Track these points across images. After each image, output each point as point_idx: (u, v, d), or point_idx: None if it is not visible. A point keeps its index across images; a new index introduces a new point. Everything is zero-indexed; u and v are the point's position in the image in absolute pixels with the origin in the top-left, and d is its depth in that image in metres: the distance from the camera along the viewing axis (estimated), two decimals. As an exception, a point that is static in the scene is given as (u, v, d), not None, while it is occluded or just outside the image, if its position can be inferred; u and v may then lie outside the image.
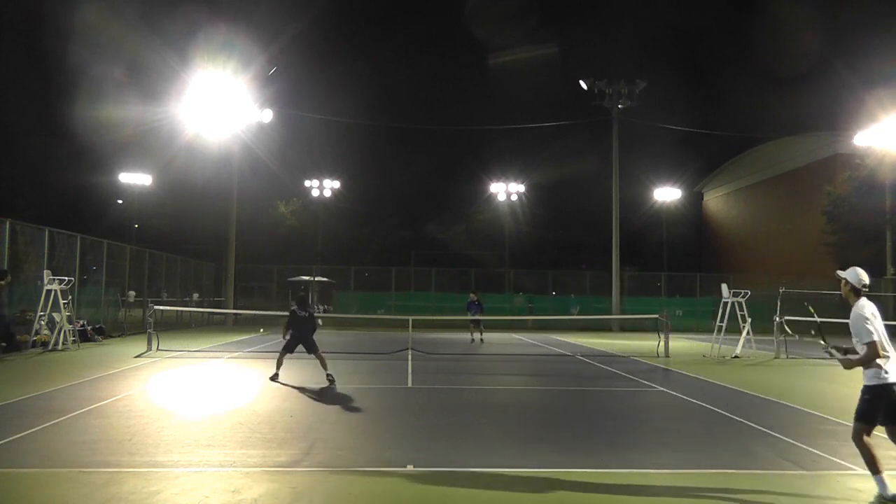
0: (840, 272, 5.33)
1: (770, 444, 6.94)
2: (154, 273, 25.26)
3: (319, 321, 15.25)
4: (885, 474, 4.86)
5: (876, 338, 4.81)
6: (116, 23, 39.59)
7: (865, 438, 4.86)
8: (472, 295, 22.17)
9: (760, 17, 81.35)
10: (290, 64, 65.91)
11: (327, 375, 10.75)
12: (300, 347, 11.03)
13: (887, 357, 4.86)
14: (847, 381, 12.43)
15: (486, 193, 46.75)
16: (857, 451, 5.61)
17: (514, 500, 5.08)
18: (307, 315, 11.21)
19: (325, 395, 9.74)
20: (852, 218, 33.53)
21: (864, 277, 5.19)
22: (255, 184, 42.43)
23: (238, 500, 4.83)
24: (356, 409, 8.71)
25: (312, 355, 11.05)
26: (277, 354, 11.12)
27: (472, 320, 21.10)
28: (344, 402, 9.20)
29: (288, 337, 11.07)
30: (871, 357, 4.79)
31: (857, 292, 5.14)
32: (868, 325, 4.84)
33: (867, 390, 4.92)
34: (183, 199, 46.64)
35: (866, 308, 4.98)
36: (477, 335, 20.84)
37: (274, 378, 10.85)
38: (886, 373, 4.84)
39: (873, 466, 4.86)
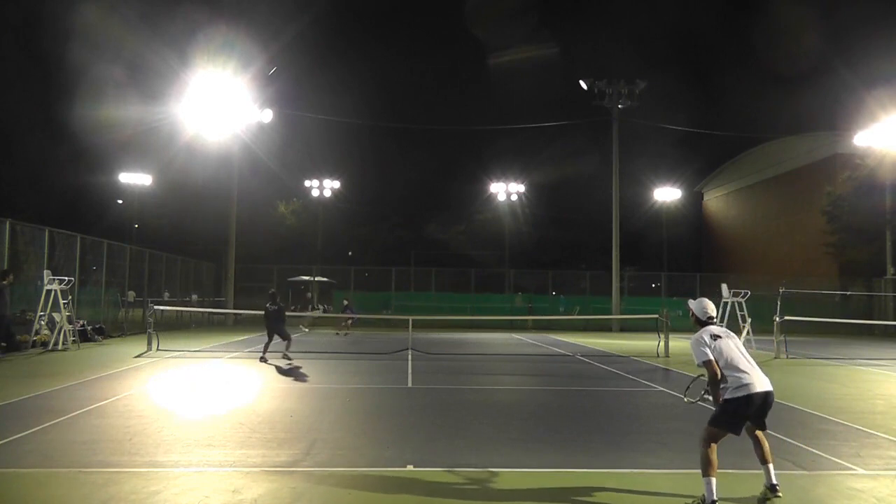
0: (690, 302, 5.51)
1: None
2: (154, 273, 25.27)
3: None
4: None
5: (711, 357, 4.95)
6: (116, 23, 39.60)
7: (712, 444, 4.94)
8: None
9: (760, 17, 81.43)
10: (290, 64, 65.98)
11: (284, 354, 13.35)
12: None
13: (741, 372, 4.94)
14: (847, 382, 12.44)
15: (486, 193, 46.77)
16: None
17: (514, 500, 5.08)
18: (276, 308, 13.88)
19: (325, 395, 9.74)
20: (852, 218, 33.53)
21: (710, 309, 5.35)
22: (255, 184, 42.48)
23: (238, 500, 4.83)
24: (356, 409, 8.71)
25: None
26: (276, 354, 11.39)
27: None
28: (344, 402, 9.20)
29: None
30: (711, 376, 4.95)
31: (700, 322, 5.31)
32: (702, 348, 5.00)
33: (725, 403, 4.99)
34: (183, 199, 46.65)
35: (703, 333, 5.13)
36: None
37: (262, 360, 13.41)
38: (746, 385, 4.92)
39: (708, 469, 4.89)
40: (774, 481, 4.98)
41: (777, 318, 16.86)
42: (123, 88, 41.47)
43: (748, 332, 16.84)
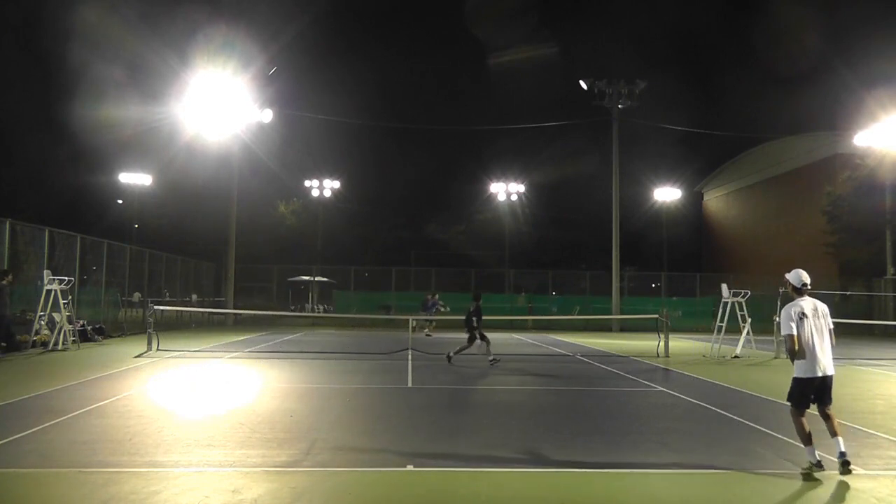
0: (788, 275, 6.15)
1: (770, 444, 6.94)
2: (154, 273, 25.27)
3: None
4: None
5: (794, 332, 5.69)
6: (116, 23, 39.53)
7: (800, 419, 5.78)
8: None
9: (760, 17, 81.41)
10: (290, 64, 65.97)
11: (493, 358, 14.08)
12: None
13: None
14: (847, 382, 12.42)
15: (486, 193, 46.76)
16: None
17: (514, 500, 5.08)
18: (474, 309, 14.26)
19: (325, 395, 9.74)
20: (852, 218, 33.53)
21: (804, 277, 5.98)
22: (255, 184, 42.43)
23: (238, 500, 4.83)
24: (356, 409, 8.71)
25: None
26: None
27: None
28: (344, 402, 9.20)
29: None
30: (790, 348, 5.75)
31: (797, 290, 6.00)
32: (790, 322, 5.75)
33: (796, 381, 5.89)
34: (183, 199, 46.62)
35: (794, 308, 5.83)
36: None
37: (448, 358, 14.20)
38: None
39: (805, 438, 5.73)
40: (843, 449, 5.57)
41: (777, 318, 16.82)
42: (123, 88, 41.40)
43: (748, 332, 16.83)
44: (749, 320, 16.98)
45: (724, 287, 17.43)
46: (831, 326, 5.91)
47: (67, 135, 42.02)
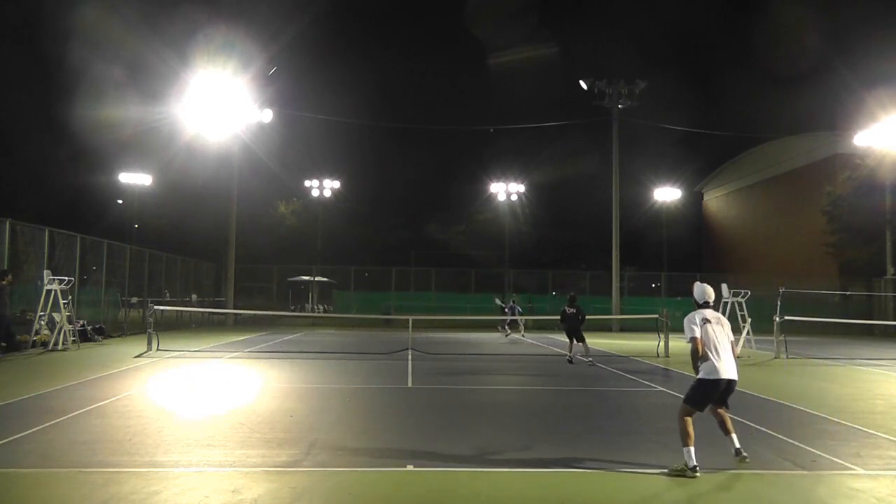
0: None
1: (770, 444, 6.94)
2: (154, 273, 25.26)
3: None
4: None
5: (698, 335, 5.80)
6: (116, 23, 39.53)
7: (688, 418, 5.76)
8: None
9: (760, 17, 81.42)
10: (290, 64, 65.95)
11: (591, 361, 14.44)
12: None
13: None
14: (847, 382, 12.44)
15: (486, 193, 46.71)
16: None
17: (514, 500, 5.08)
18: (575, 311, 14.88)
19: (325, 395, 9.74)
20: (852, 218, 33.54)
21: (709, 296, 6.14)
22: (255, 184, 42.45)
23: (238, 500, 4.83)
24: (356, 409, 8.71)
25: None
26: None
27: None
28: (344, 402, 9.20)
29: None
30: (693, 351, 5.80)
31: (697, 304, 6.15)
32: (692, 326, 5.86)
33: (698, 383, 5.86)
34: (183, 199, 46.63)
35: (697, 314, 5.98)
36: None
37: (570, 361, 14.86)
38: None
39: (688, 438, 5.68)
40: (738, 446, 5.77)
41: (777, 318, 16.85)
42: (123, 88, 41.39)
43: (748, 332, 16.83)
44: (749, 320, 16.99)
45: (725, 287, 17.43)
46: (732, 338, 6.00)
47: (67, 135, 42.04)
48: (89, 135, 39.99)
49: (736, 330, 17.28)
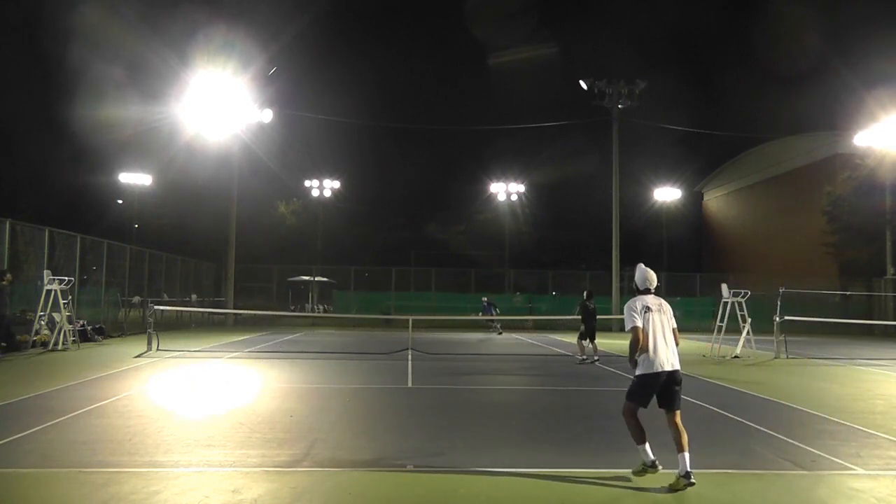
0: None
1: (770, 444, 6.94)
2: (154, 273, 25.26)
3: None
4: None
5: (639, 324, 5.48)
6: (116, 23, 39.53)
7: (636, 416, 5.62)
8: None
9: (760, 17, 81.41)
10: (290, 64, 65.93)
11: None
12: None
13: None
14: (847, 382, 12.44)
15: (486, 193, 46.76)
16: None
17: (514, 500, 5.08)
18: (595, 307, 15.05)
19: (325, 395, 9.74)
20: (852, 218, 33.54)
21: (651, 282, 5.81)
22: (255, 184, 42.43)
23: (238, 500, 4.83)
24: (356, 409, 8.71)
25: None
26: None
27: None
28: (344, 402, 9.20)
29: None
30: (634, 340, 5.47)
31: (638, 290, 5.85)
32: (633, 314, 5.54)
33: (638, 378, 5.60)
34: (183, 199, 46.63)
35: (638, 301, 5.66)
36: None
37: (592, 361, 14.71)
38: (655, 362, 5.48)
39: (639, 437, 5.56)
40: (689, 469, 5.26)
41: (777, 318, 16.85)
42: (123, 88, 41.38)
43: (748, 332, 16.82)
44: (749, 320, 16.97)
45: (724, 287, 17.42)
46: (675, 325, 5.67)
47: (67, 135, 42.13)
48: (89, 135, 40.04)
49: (736, 330, 17.31)
